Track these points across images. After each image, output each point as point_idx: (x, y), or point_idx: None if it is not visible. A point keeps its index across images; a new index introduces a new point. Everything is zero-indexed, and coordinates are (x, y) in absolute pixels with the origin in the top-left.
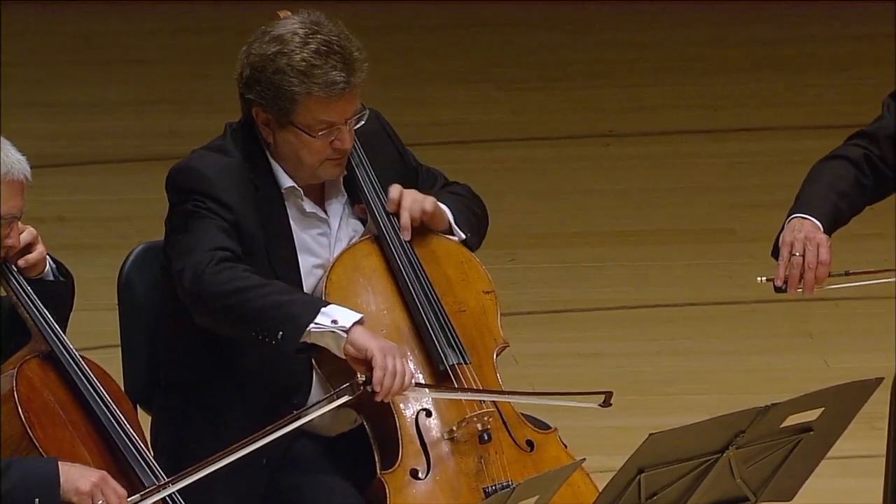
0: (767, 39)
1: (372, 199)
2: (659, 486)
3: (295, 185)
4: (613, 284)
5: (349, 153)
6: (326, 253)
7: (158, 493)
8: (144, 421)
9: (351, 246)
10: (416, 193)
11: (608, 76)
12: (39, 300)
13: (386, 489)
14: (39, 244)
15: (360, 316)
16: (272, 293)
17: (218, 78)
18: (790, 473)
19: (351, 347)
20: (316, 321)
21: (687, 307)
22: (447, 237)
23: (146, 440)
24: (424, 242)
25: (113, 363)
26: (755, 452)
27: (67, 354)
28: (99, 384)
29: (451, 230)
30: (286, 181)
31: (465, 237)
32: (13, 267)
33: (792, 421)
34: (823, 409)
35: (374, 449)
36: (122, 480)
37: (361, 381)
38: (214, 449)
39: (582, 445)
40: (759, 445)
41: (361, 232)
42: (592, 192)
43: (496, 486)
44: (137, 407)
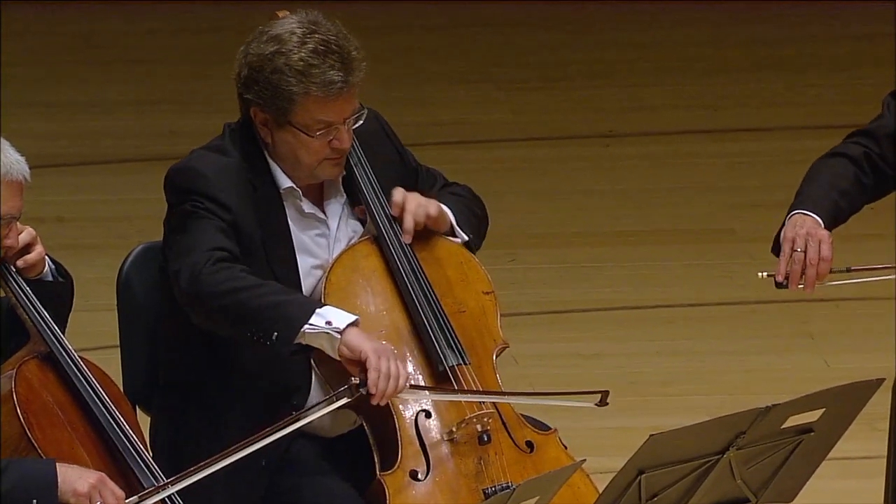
0: (767, 39)
1: (371, 199)
2: (659, 487)
3: (293, 185)
4: (613, 285)
5: (348, 153)
6: (325, 253)
7: (157, 494)
8: (143, 421)
9: (350, 246)
10: (419, 197)
11: (608, 76)
12: (38, 301)
13: (385, 490)
14: (38, 245)
15: (354, 317)
16: (268, 294)
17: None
18: (791, 474)
19: (345, 349)
20: (310, 322)
21: (687, 307)
22: (447, 238)
23: (145, 441)
24: (424, 243)
25: (112, 364)
26: (756, 453)
27: (66, 355)
28: (98, 385)
29: (452, 232)
30: (285, 181)
31: (467, 239)
32: (12, 267)
33: (793, 422)
34: (824, 409)
35: (373, 450)
36: (121, 481)
37: (356, 383)
38: (213, 450)
39: (582, 446)
40: (759, 446)
41: (361, 233)
42: (592, 192)
43: (496, 487)
44: (136, 407)
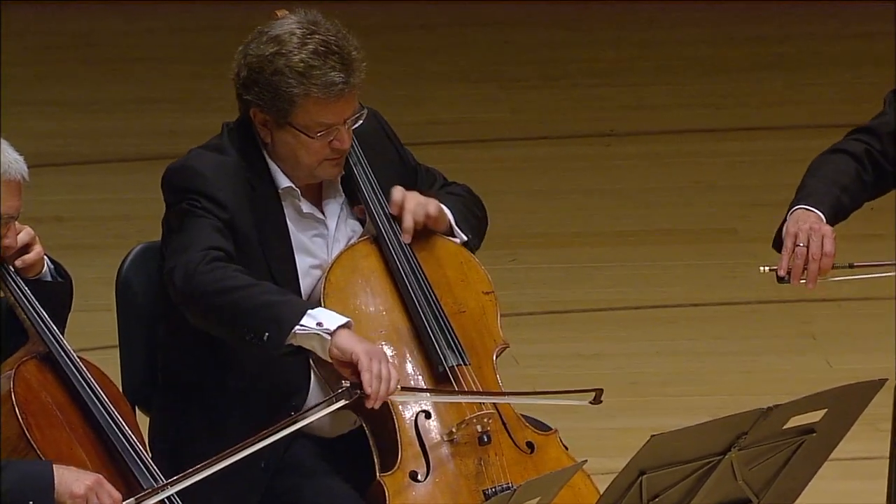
0: (768, 39)
1: (370, 198)
2: (660, 487)
3: (292, 185)
4: (614, 285)
5: (347, 153)
6: (323, 253)
7: (156, 495)
8: (143, 422)
9: (349, 247)
10: (419, 196)
11: (609, 75)
12: (37, 301)
13: (385, 492)
14: (37, 244)
15: (346, 320)
16: (261, 294)
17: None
18: (793, 475)
19: (336, 350)
20: (301, 323)
21: (688, 308)
22: (447, 238)
23: (144, 441)
24: (424, 243)
25: (111, 364)
26: (758, 454)
27: (65, 355)
28: (97, 385)
29: (451, 232)
30: (283, 181)
31: (466, 239)
32: (10, 268)
33: (795, 422)
34: (826, 410)
35: (373, 451)
36: (119, 482)
37: (347, 385)
38: (213, 450)
39: (583, 447)
40: (761, 447)
41: (360, 233)
42: (593, 191)
43: (496, 488)
44: (135, 408)
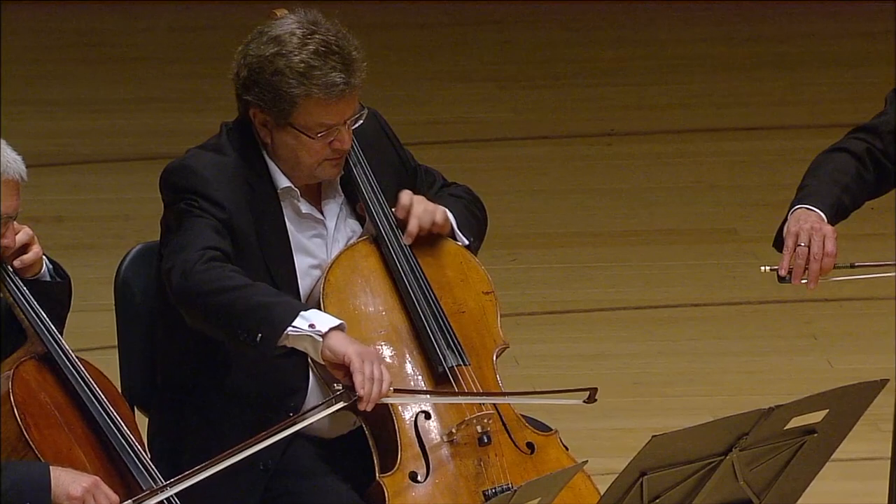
0: (770, 38)
1: (370, 199)
2: (661, 488)
3: (291, 185)
4: (616, 285)
5: (348, 153)
6: (322, 253)
7: (155, 496)
8: (141, 422)
9: (349, 247)
10: (427, 203)
11: (610, 75)
12: (36, 301)
13: (385, 492)
14: (36, 244)
15: (338, 322)
16: (256, 294)
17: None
18: (794, 476)
19: (328, 352)
20: (293, 324)
21: (689, 308)
22: (447, 238)
23: (143, 442)
24: (424, 243)
25: (110, 364)
26: (759, 455)
27: (64, 356)
28: (95, 386)
29: (453, 236)
30: (282, 181)
31: (467, 243)
32: (9, 268)
33: (796, 423)
34: (828, 410)
35: (373, 451)
36: (118, 483)
37: (339, 387)
38: (212, 451)
39: (583, 447)
40: (762, 447)
41: (359, 233)
42: (594, 191)
43: (496, 488)
44: (134, 408)
